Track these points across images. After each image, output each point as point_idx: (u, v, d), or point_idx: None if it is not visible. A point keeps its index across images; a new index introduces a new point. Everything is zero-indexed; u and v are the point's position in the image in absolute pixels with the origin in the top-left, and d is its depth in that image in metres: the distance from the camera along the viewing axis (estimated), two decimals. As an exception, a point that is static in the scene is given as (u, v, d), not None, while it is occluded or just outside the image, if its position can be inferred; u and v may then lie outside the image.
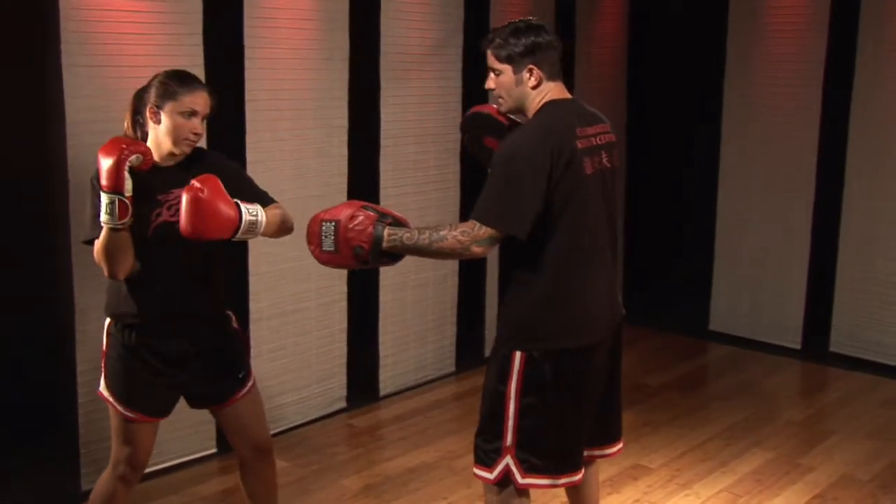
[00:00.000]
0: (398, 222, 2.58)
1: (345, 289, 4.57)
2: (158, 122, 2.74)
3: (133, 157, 2.58)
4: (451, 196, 4.97)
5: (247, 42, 4.01)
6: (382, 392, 4.86)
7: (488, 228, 2.51)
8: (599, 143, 2.68)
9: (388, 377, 4.88)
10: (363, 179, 4.57)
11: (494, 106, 2.86)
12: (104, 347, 2.89)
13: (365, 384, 4.80)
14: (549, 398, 2.62)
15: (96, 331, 3.61)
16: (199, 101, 2.74)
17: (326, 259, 2.57)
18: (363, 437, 4.44)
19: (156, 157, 2.74)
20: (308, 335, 4.46)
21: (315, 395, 4.54)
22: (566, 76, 5.62)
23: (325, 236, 2.52)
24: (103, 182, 2.57)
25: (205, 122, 2.78)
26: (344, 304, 4.59)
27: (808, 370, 5.47)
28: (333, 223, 2.52)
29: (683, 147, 6.30)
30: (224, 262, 2.97)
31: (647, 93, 6.30)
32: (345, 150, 4.44)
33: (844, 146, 5.37)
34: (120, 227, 2.60)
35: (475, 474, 2.76)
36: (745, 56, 5.64)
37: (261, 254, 4.11)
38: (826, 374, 5.37)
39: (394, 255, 2.58)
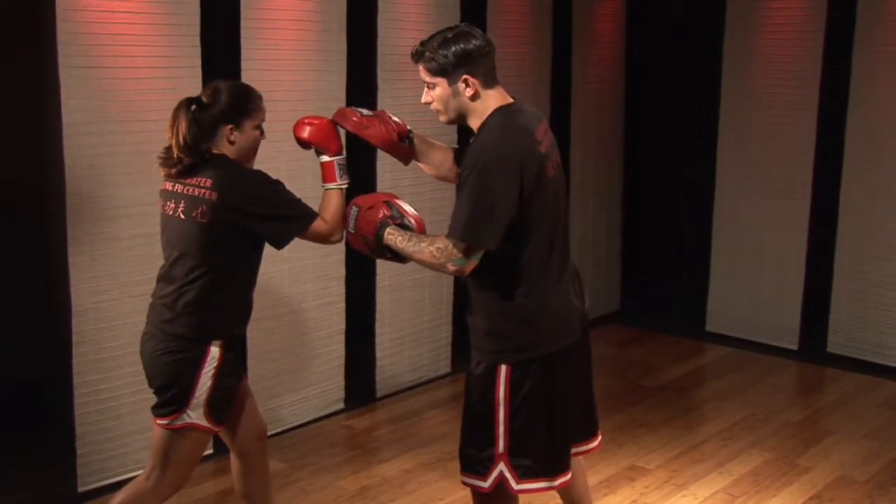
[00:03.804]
0: (407, 225, 2.66)
1: (342, 290, 4.57)
2: (234, 140, 2.78)
3: None
4: (447, 197, 4.97)
5: (244, 44, 4.02)
6: (379, 393, 4.86)
7: (462, 245, 2.49)
8: (550, 142, 2.66)
9: (385, 378, 4.88)
10: (360, 180, 4.54)
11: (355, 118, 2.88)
12: (212, 375, 2.77)
13: (362, 386, 4.80)
14: (538, 402, 2.62)
15: (92, 332, 3.63)
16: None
17: (350, 239, 2.77)
18: (360, 438, 4.44)
19: None
20: (305, 336, 4.46)
21: (312, 396, 4.54)
22: (563, 77, 5.71)
23: (351, 218, 2.73)
24: (334, 147, 2.84)
25: None
26: (342, 306, 4.59)
27: (806, 371, 5.47)
28: (357, 209, 2.72)
29: (680, 148, 6.32)
30: None
31: (644, 94, 6.30)
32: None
33: (841, 147, 5.38)
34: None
35: (465, 483, 2.71)
36: (742, 57, 5.65)
37: (258, 255, 4.11)
38: (823, 375, 5.37)
39: (398, 254, 2.65)
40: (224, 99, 2.77)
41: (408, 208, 2.72)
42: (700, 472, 4.07)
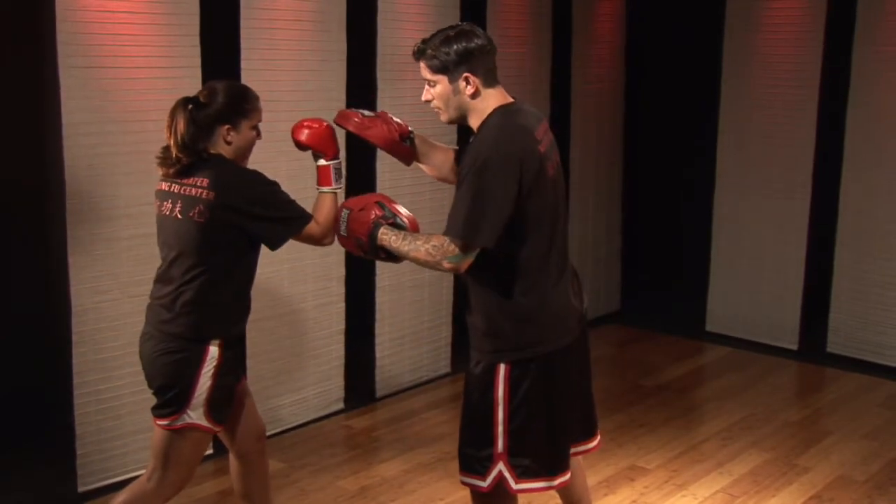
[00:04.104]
0: (399, 224, 2.65)
1: (342, 290, 4.57)
2: (230, 141, 2.78)
3: None
4: (447, 197, 4.93)
5: (244, 44, 4.02)
6: (379, 393, 4.86)
7: (459, 241, 2.49)
8: (549, 142, 2.67)
9: (385, 378, 4.88)
10: (360, 180, 4.57)
11: (356, 119, 2.89)
12: (211, 374, 2.77)
13: (361, 386, 4.80)
14: (537, 401, 2.62)
15: (92, 332, 3.63)
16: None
17: (342, 242, 2.74)
18: (360, 438, 4.44)
19: None
20: (305, 336, 4.46)
21: (312, 396, 4.54)
22: (563, 77, 5.71)
23: (342, 221, 2.70)
24: (331, 152, 2.89)
25: None
26: (341, 306, 4.59)
27: (805, 371, 5.47)
28: (348, 211, 2.70)
29: (680, 148, 6.31)
30: None
31: (644, 94, 6.31)
32: (342, 152, 4.44)
33: (841, 147, 5.38)
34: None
35: (464, 483, 2.71)
36: (742, 57, 5.65)
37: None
38: (823, 375, 5.37)
39: (392, 254, 2.64)
40: (221, 99, 2.77)
41: (400, 208, 2.72)
42: (700, 472, 4.07)
